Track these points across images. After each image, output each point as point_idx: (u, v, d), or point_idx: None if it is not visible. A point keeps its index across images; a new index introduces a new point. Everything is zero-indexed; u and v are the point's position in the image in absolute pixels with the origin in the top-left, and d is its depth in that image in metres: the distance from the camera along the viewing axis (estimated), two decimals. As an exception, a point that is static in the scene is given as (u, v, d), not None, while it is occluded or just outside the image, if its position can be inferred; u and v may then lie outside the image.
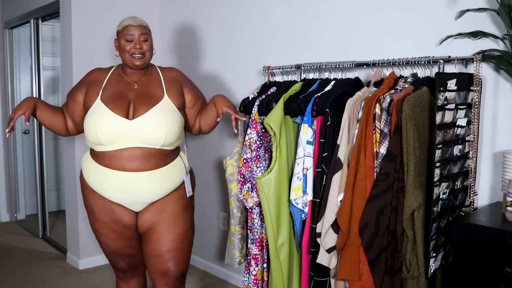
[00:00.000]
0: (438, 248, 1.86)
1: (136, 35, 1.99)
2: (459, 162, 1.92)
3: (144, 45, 2.01)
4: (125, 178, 1.93)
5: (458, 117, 1.88)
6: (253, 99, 2.40)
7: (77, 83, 2.12)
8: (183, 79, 2.15)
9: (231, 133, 3.15)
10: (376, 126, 1.87)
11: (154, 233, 2.04)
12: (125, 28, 2.00)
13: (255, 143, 2.29)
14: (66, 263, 3.63)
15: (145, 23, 2.05)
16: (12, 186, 4.71)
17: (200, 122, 2.16)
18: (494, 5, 1.83)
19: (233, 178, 2.43)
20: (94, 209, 2.04)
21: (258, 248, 2.36)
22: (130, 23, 2.00)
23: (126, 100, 1.97)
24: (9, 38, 4.56)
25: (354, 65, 2.23)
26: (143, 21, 2.05)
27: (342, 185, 1.94)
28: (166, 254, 2.03)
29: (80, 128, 2.11)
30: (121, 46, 2.01)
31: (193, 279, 3.30)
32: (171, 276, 2.05)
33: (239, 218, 2.47)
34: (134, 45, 1.99)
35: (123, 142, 1.92)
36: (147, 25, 2.06)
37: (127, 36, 1.99)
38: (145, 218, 2.04)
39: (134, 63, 2.01)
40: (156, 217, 2.03)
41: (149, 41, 2.03)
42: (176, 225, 2.05)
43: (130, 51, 2.00)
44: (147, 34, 2.03)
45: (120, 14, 3.45)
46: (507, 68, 1.78)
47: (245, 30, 2.99)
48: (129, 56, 2.01)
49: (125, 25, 2.01)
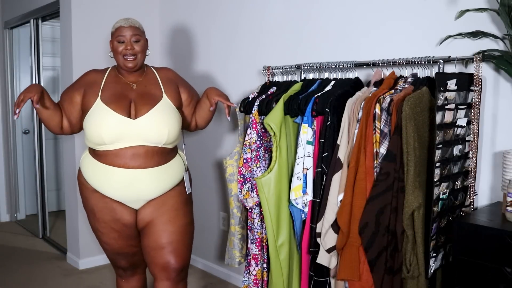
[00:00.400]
0: (438, 248, 1.86)
1: (127, 36, 2.00)
2: (459, 162, 1.92)
3: (135, 46, 2.01)
4: (127, 175, 1.95)
5: (458, 117, 1.87)
6: (253, 99, 2.40)
7: (73, 84, 2.11)
8: (178, 79, 2.19)
9: (231, 133, 3.15)
10: (376, 126, 1.87)
11: (155, 226, 2.02)
12: (117, 29, 2.02)
13: (255, 143, 2.29)
14: (66, 263, 3.63)
15: (137, 24, 2.05)
16: (12, 186, 4.71)
17: (196, 117, 2.21)
18: (494, 5, 1.83)
19: (233, 178, 2.43)
20: (95, 209, 2.04)
21: (258, 248, 2.36)
22: (121, 24, 2.02)
23: (127, 100, 1.99)
24: (9, 38, 4.56)
25: (354, 65, 2.23)
26: (136, 22, 2.05)
27: (342, 185, 1.94)
28: (167, 246, 2.01)
29: (75, 129, 2.10)
30: (114, 48, 2.03)
31: (193, 279, 3.30)
32: (172, 269, 2.02)
33: (239, 218, 2.47)
34: (126, 46, 2.00)
35: (126, 141, 1.94)
36: (140, 26, 2.06)
37: (119, 37, 2.01)
38: (145, 213, 2.03)
39: (126, 65, 2.02)
40: (156, 211, 2.03)
41: (141, 42, 2.03)
42: (177, 217, 2.04)
43: (122, 52, 2.01)
44: (139, 35, 2.03)
45: (120, 14, 3.45)
46: (507, 68, 1.78)
47: (245, 30, 2.99)
48: (121, 57, 2.02)
49: (117, 27, 2.03)
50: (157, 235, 2.02)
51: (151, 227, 2.03)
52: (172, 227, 2.03)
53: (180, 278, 2.07)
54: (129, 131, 1.93)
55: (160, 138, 1.97)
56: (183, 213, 2.08)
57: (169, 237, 2.01)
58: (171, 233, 2.02)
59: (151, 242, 2.03)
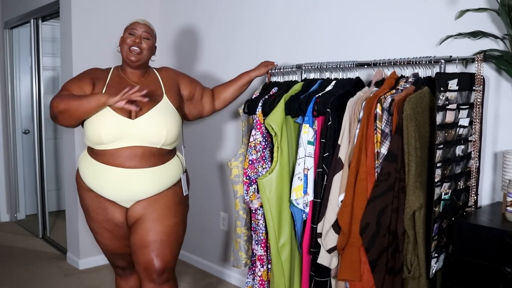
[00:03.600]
0: (440, 248, 1.86)
1: (139, 31, 2.07)
2: (461, 162, 1.91)
3: (144, 42, 2.07)
4: (122, 174, 1.95)
5: (460, 117, 1.87)
6: (256, 98, 2.40)
7: (80, 77, 2.09)
8: (177, 75, 2.24)
9: (230, 134, 3.15)
10: (377, 126, 1.87)
11: (142, 223, 1.99)
12: (132, 24, 2.10)
13: (260, 144, 2.27)
14: (66, 263, 3.63)
15: (152, 26, 2.14)
16: (12, 186, 4.71)
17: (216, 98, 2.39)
18: (494, 5, 1.83)
19: (238, 180, 2.40)
20: (89, 208, 2.05)
21: (263, 249, 2.35)
22: (137, 20, 2.11)
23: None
24: (9, 38, 4.56)
25: (355, 65, 2.23)
26: (151, 24, 2.14)
27: (343, 185, 1.94)
28: (151, 245, 1.96)
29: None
30: (123, 39, 2.09)
31: (193, 279, 3.30)
32: (154, 270, 1.96)
33: (245, 219, 2.44)
34: (134, 39, 2.05)
35: (124, 141, 1.94)
36: (154, 30, 2.15)
37: (131, 30, 2.08)
38: (135, 209, 2.01)
39: (129, 57, 2.05)
40: (146, 207, 2.00)
41: (150, 41, 2.09)
42: (166, 216, 2.01)
43: (129, 43, 2.05)
44: (150, 34, 2.10)
45: (120, 14, 3.46)
46: (507, 68, 1.78)
47: (245, 30, 2.99)
48: (127, 48, 2.06)
49: (132, 22, 2.11)
50: (143, 233, 1.98)
51: (138, 224, 2.00)
52: (159, 226, 1.99)
53: (163, 280, 2.00)
54: (128, 131, 1.93)
55: (159, 139, 1.97)
56: (173, 212, 2.04)
57: (154, 236, 1.97)
58: (157, 232, 1.98)
59: (137, 239, 1.99)
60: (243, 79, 2.43)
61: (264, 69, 2.45)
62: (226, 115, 3.18)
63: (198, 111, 2.33)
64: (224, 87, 2.43)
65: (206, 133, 3.36)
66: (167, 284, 2.02)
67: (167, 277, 2.01)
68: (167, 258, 1.99)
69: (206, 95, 2.35)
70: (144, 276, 1.99)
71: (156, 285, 1.98)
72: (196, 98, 2.30)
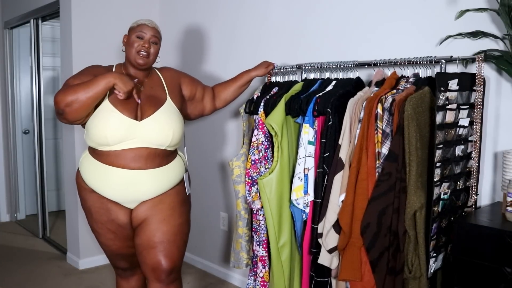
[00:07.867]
0: (439, 248, 1.86)
1: (148, 35, 2.03)
2: (461, 162, 1.91)
3: (152, 47, 2.04)
4: (126, 175, 1.94)
5: (460, 117, 1.87)
6: (257, 98, 2.39)
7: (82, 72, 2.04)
8: (179, 75, 2.24)
9: (230, 134, 3.15)
10: (378, 126, 1.87)
11: (149, 224, 2.00)
12: (140, 25, 2.04)
13: (262, 144, 2.27)
14: (66, 263, 3.63)
15: (159, 28, 2.10)
16: (12, 186, 4.71)
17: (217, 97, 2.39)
18: (494, 5, 1.83)
19: (240, 180, 2.39)
20: (92, 209, 2.04)
21: (265, 250, 2.35)
22: (145, 23, 2.05)
23: (135, 102, 1.99)
24: (9, 38, 4.56)
25: (355, 65, 2.23)
26: (158, 26, 2.10)
27: (344, 186, 1.94)
28: (158, 246, 1.98)
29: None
30: (130, 42, 2.03)
31: (193, 279, 3.31)
32: (162, 271, 1.98)
33: (246, 220, 2.44)
34: (143, 43, 2.02)
35: (130, 143, 1.93)
36: (160, 32, 2.11)
37: (140, 33, 2.02)
38: (140, 210, 2.01)
39: (137, 61, 2.02)
40: (152, 208, 2.01)
41: (157, 45, 2.07)
42: (172, 216, 2.02)
43: (138, 48, 2.02)
44: (158, 38, 2.07)
45: (120, 14, 3.46)
46: (507, 68, 1.78)
47: (245, 30, 2.99)
48: (135, 52, 2.02)
49: (140, 23, 2.05)
50: (150, 234, 1.99)
51: (145, 225, 2.01)
52: (165, 226, 2.00)
53: (170, 280, 2.02)
54: (134, 132, 1.93)
55: (164, 140, 1.97)
56: (179, 212, 2.06)
57: (161, 236, 1.99)
58: (164, 232, 1.99)
59: (143, 241, 2.00)
60: (243, 79, 2.42)
61: (265, 70, 2.45)
62: (227, 114, 3.18)
63: (199, 111, 2.34)
64: (224, 86, 2.42)
65: (206, 132, 3.36)
66: (174, 283, 2.05)
67: (174, 277, 2.04)
68: (175, 258, 2.02)
69: (207, 95, 2.35)
70: (151, 276, 2.00)
71: (164, 285, 2.00)
72: (198, 98, 2.30)
